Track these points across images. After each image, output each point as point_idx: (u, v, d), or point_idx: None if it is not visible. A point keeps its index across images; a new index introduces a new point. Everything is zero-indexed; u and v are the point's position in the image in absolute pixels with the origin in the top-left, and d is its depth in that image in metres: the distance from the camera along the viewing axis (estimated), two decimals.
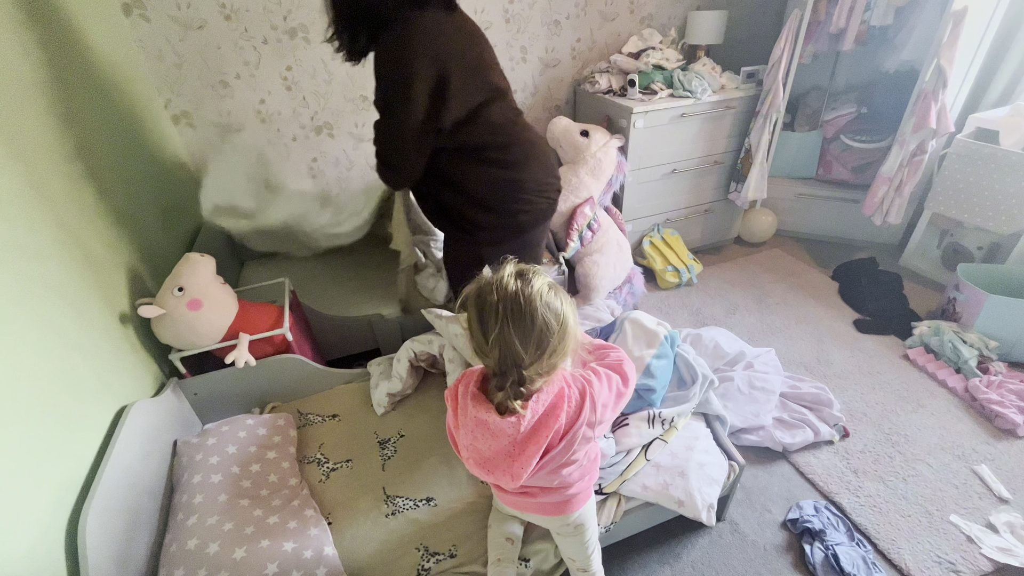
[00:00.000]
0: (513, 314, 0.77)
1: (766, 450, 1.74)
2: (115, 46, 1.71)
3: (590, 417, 0.88)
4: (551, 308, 0.80)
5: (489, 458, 0.84)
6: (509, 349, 0.78)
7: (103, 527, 1.01)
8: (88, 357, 1.17)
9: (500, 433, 0.82)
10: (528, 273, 0.82)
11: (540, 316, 0.78)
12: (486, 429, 0.83)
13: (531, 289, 0.79)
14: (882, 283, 2.49)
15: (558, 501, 1.02)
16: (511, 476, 0.83)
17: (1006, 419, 1.75)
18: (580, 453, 0.92)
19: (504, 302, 0.78)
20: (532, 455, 0.82)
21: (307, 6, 2.03)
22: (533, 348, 0.79)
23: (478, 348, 0.82)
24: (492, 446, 0.83)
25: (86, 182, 1.34)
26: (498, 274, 0.82)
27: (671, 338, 1.51)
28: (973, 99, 2.44)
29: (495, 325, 0.78)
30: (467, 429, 0.86)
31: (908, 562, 1.40)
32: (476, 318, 0.80)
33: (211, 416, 1.55)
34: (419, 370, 1.62)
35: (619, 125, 2.36)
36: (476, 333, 0.81)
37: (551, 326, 0.79)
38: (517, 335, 0.78)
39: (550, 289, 0.82)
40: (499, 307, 0.78)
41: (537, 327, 0.78)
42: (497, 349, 0.78)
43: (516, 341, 0.78)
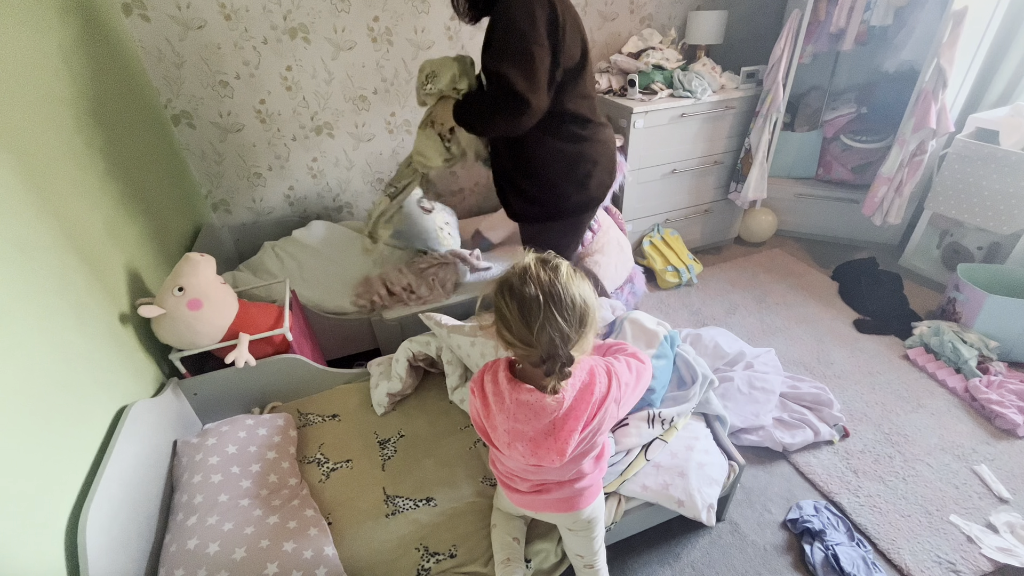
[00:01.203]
0: (555, 300, 0.82)
1: (766, 450, 1.74)
2: (115, 46, 1.71)
3: (617, 394, 0.94)
4: (582, 289, 0.86)
5: (533, 437, 0.89)
6: (558, 333, 0.82)
7: (103, 527, 1.01)
8: (88, 357, 1.17)
9: (543, 411, 0.88)
10: (551, 260, 0.88)
11: (579, 297, 0.85)
12: (529, 409, 0.88)
13: (562, 275, 0.85)
14: (882, 283, 2.49)
15: (570, 496, 1.03)
16: (557, 452, 0.89)
17: (1006, 419, 1.75)
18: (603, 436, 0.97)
19: (543, 291, 0.82)
20: (573, 428, 0.89)
21: (307, 6, 2.03)
22: (577, 327, 0.85)
23: (520, 340, 0.85)
24: (535, 426, 0.89)
25: (86, 182, 1.34)
26: (521, 268, 0.86)
27: (671, 338, 1.51)
28: (973, 99, 2.44)
29: (539, 315, 0.82)
30: (507, 414, 0.90)
31: (908, 562, 1.40)
32: (518, 313, 0.83)
33: (211, 416, 1.55)
34: (418, 370, 1.63)
35: (619, 125, 2.36)
36: (518, 327, 0.84)
37: (589, 304, 0.86)
38: (563, 319, 0.82)
39: (574, 271, 0.89)
40: (540, 297, 0.82)
41: (578, 307, 0.84)
42: (545, 335, 0.82)
43: (563, 324, 0.82)
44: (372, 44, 2.20)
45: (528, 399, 0.88)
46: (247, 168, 2.25)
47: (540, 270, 0.85)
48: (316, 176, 2.39)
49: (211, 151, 2.15)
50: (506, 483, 1.08)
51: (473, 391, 0.97)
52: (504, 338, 0.87)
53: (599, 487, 1.10)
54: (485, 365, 0.99)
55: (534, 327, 0.82)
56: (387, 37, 2.20)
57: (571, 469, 1.00)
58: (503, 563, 1.13)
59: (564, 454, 0.89)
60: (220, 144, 2.15)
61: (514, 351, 0.88)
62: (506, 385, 0.90)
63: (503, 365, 0.93)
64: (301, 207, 2.43)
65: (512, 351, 0.88)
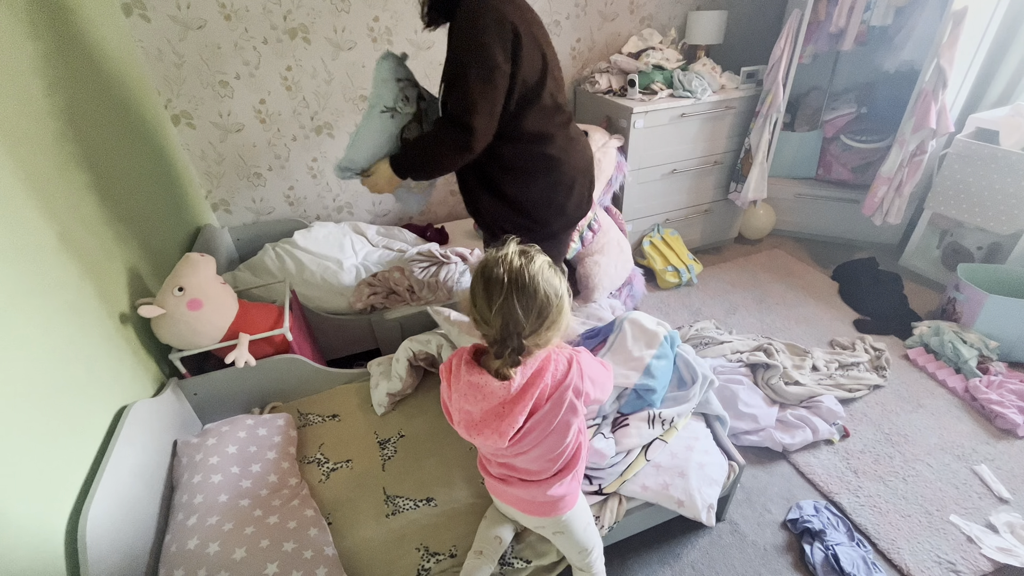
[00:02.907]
0: (517, 286, 0.84)
1: (766, 450, 1.74)
2: (115, 46, 1.71)
3: (577, 382, 0.94)
4: (551, 284, 0.87)
5: (479, 420, 0.91)
6: (511, 318, 0.84)
7: (103, 527, 1.01)
8: (88, 357, 1.17)
9: (491, 395, 0.89)
10: (531, 251, 0.89)
11: (542, 290, 0.85)
12: (478, 391, 0.90)
13: (534, 266, 0.86)
14: (882, 283, 2.49)
15: (543, 501, 1.03)
16: (499, 434, 0.90)
17: (1006, 419, 1.75)
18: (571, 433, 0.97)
19: (509, 275, 0.84)
20: (519, 413, 0.89)
21: (307, 6, 2.03)
22: (534, 318, 0.85)
23: (480, 318, 0.87)
24: (483, 407, 0.90)
25: (86, 182, 1.34)
26: (502, 251, 0.88)
27: (671, 338, 1.51)
28: (973, 99, 2.44)
29: (499, 296, 0.84)
30: (460, 394, 0.92)
31: (908, 562, 1.40)
32: (482, 290, 0.86)
33: (211, 416, 1.55)
34: (418, 370, 1.62)
35: (619, 125, 2.36)
36: (481, 303, 0.86)
37: (551, 299, 0.86)
38: (520, 305, 0.84)
39: (550, 267, 0.89)
40: (504, 279, 0.84)
41: (539, 299, 0.85)
42: (500, 318, 0.84)
43: (519, 310, 0.84)
44: (372, 44, 2.20)
45: (478, 381, 0.90)
46: (247, 168, 2.25)
47: (515, 256, 0.87)
48: (316, 176, 2.39)
49: (211, 151, 2.15)
50: (483, 463, 1.10)
51: (442, 373, 0.99)
52: (471, 313, 0.90)
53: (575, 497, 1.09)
54: (457, 350, 1.01)
55: (493, 306, 0.84)
56: (387, 37, 2.20)
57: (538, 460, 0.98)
58: (475, 554, 1.13)
59: (504, 436, 0.89)
60: (220, 144, 2.15)
61: (479, 328, 0.90)
62: (463, 368, 0.92)
63: (468, 350, 0.96)
64: (301, 207, 2.43)
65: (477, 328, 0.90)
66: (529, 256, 0.88)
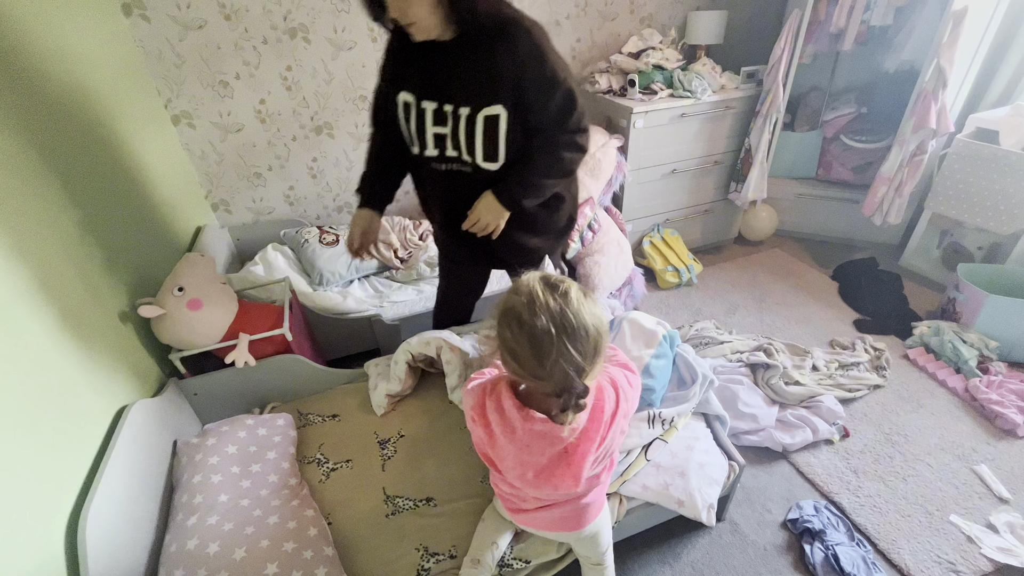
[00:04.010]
0: (568, 332, 0.75)
1: (766, 450, 1.74)
2: (115, 46, 1.71)
3: (624, 407, 0.90)
4: (594, 315, 0.79)
5: (546, 466, 0.84)
6: (572, 366, 0.75)
7: (103, 527, 1.01)
8: (88, 357, 1.17)
9: (556, 439, 0.83)
10: (557, 283, 0.80)
11: (591, 324, 0.77)
12: (544, 439, 0.83)
13: (572, 300, 0.77)
14: (882, 283, 2.49)
15: (572, 514, 1.02)
16: (571, 478, 0.84)
17: (1006, 419, 1.75)
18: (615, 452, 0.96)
19: (555, 323, 0.75)
20: (587, 452, 0.84)
21: (307, 6, 2.03)
22: (592, 357, 0.78)
23: (530, 375, 0.79)
24: (548, 453, 0.84)
25: (86, 182, 1.34)
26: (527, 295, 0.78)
27: (670, 338, 1.51)
28: (973, 99, 2.44)
29: (551, 349, 0.74)
30: (519, 445, 0.84)
31: (908, 562, 1.40)
32: (528, 348, 0.76)
33: (211, 416, 1.55)
34: (417, 370, 1.62)
35: (619, 125, 2.36)
36: (528, 362, 0.77)
37: (601, 329, 0.79)
38: (577, 350, 0.75)
39: (583, 293, 0.81)
40: (552, 330, 0.74)
41: (591, 337, 0.77)
42: (559, 370, 0.75)
43: (577, 356, 0.75)
44: (372, 44, 2.20)
45: (543, 429, 0.82)
46: (247, 168, 2.25)
47: (549, 298, 0.76)
48: (316, 176, 2.39)
49: (211, 151, 2.15)
50: (508, 500, 1.05)
51: (474, 419, 0.89)
52: (511, 369, 0.81)
53: (602, 502, 1.09)
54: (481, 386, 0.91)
55: (547, 363, 0.75)
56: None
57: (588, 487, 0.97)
58: (472, 563, 1.12)
59: (579, 480, 0.84)
60: (220, 144, 2.15)
61: (522, 381, 0.82)
62: (516, 415, 0.83)
63: (506, 391, 0.86)
64: (301, 207, 2.43)
65: (525, 382, 0.83)
66: (562, 291, 0.78)
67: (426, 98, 1.20)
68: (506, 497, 1.06)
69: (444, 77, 1.17)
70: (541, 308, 0.76)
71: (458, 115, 1.19)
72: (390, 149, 1.36)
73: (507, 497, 1.05)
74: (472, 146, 1.21)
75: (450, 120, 1.20)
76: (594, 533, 1.09)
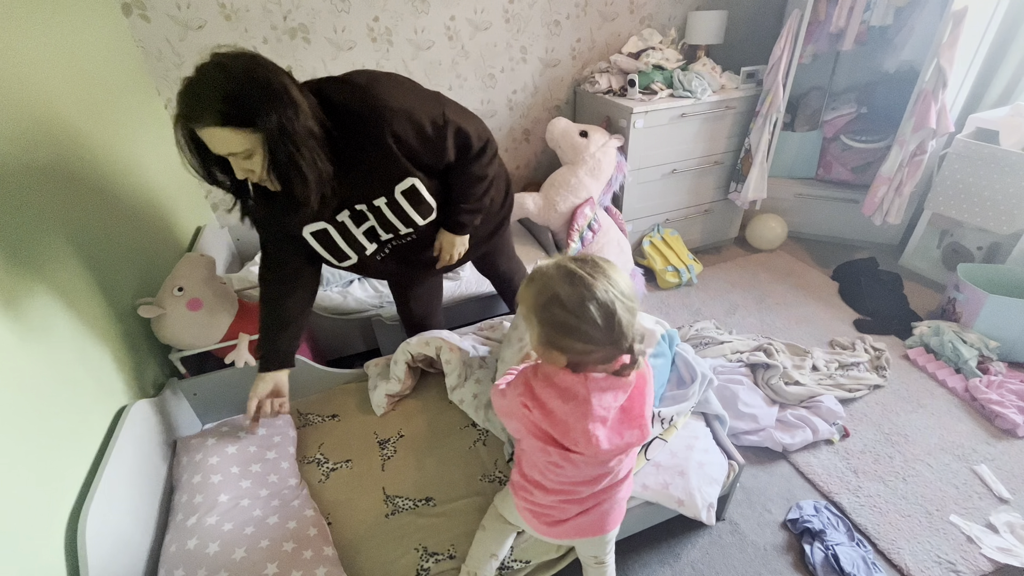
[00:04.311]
0: (621, 292, 0.83)
1: (766, 450, 1.74)
2: (115, 46, 1.71)
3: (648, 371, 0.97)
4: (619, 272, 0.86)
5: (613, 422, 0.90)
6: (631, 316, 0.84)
7: (103, 527, 1.01)
8: (88, 357, 1.17)
9: (619, 389, 0.89)
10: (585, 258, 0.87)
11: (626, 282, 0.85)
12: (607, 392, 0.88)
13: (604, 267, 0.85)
14: (882, 283, 2.49)
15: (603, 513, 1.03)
16: (639, 427, 0.91)
17: (1006, 419, 1.75)
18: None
19: (609, 291, 0.82)
20: (643, 403, 0.93)
21: (307, 6, 2.03)
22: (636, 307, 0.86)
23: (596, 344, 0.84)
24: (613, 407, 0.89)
25: (85, 182, 1.34)
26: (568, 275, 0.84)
27: (669, 337, 1.51)
28: (973, 99, 2.44)
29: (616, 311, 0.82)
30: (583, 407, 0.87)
31: (908, 562, 1.40)
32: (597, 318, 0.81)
33: (211, 416, 1.55)
34: (417, 370, 1.62)
35: (619, 125, 2.37)
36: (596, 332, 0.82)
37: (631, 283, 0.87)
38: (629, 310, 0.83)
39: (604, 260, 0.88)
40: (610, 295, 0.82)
41: (632, 289, 0.86)
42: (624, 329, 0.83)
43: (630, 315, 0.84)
44: (372, 44, 2.20)
45: (606, 384, 0.88)
46: None
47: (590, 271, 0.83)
48: None
49: None
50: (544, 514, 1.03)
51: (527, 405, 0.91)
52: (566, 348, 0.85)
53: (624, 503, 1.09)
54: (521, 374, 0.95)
55: (614, 325, 0.82)
56: (387, 37, 2.20)
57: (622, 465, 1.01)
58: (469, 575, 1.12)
59: (645, 429, 0.91)
60: None
61: (581, 358, 0.86)
62: (573, 380, 0.87)
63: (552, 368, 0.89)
64: None
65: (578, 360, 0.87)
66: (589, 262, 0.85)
67: (336, 214, 1.19)
68: (542, 512, 1.03)
69: (342, 191, 1.12)
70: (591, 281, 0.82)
71: (376, 207, 1.19)
72: (290, 295, 1.28)
73: (544, 511, 1.03)
74: (407, 218, 1.23)
75: (370, 215, 1.21)
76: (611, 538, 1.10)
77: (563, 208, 2.23)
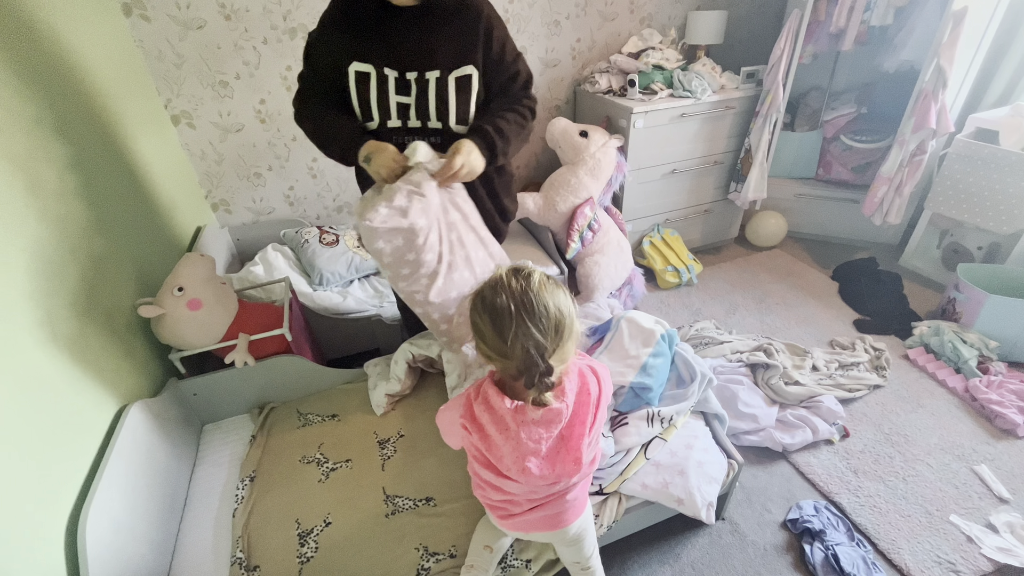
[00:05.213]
0: (527, 309, 0.80)
1: (766, 450, 1.74)
2: (115, 46, 1.71)
3: (607, 394, 0.95)
4: (556, 297, 0.83)
5: (546, 455, 0.88)
6: (532, 342, 0.80)
7: (103, 527, 1.01)
8: (88, 357, 1.17)
9: (551, 424, 0.87)
10: (523, 269, 0.86)
11: (551, 305, 0.82)
12: (538, 426, 0.86)
13: (535, 283, 0.83)
14: (882, 283, 2.49)
15: (556, 513, 1.02)
16: (573, 461, 0.89)
17: (1006, 419, 1.75)
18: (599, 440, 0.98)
19: (514, 300, 0.80)
20: (582, 434, 0.89)
21: (307, 6, 2.03)
22: (552, 335, 0.81)
23: (496, 353, 0.83)
24: (546, 440, 0.87)
25: (85, 182, 1.34)
26: (494, 279, 0.84)
27: (669, 337, 1.51)
28: (973, 99, 2.44)
29: (511, 325, 0.79)
30: (515, 439, 0.86)
31: (908, 562, 1.40)
32: (490, 325, 0.81)
33: (211, 416, 1.55)
34: (417, 370, 1.62)
35: (619, 125, 2.36)
36: (492, 339, 0.82)
37: (564, 311, 0.83)
38: (536, 327, 0.80)
39: (549, 280, 0.86)
40: (511, 306, 0.80)
41: (552, 315, 0.81)
42: (519, 346, 0.80)
43: (537, 333, 0.80)
44: None
45: (534, 417, 0.86)
46: (247, 168, 2.25)
47: (512, 279, 0.83)
48: (316, 176, 2.39)
49: (211, 151, 2.15)
50: (498, 508, 1.05)
51: (466, 427, 0.91)
52: (482, 351, 0.86)
53: (584, 500, 1.09)
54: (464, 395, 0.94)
55: (507, 337, 0.80)
56: None
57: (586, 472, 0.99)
58: (467, 568, 1.13)
59: (580, 463, 0.88)
60: (220, 144, 2.15)
61: (493, 364, 0.87)
62: (506, 409, 0.86)
63: (492, 390, 0.89)
64: (301, 207, 2.43)
65: (492, 364, 0.87)
66: (525, 274, 0.84)
67: (387, 66, 1.19)
68: (496, 506, 1.05)
69: (407, 46, 1.17)
70: (503, 288, 0.82)
71: (425, 81, 1.19)
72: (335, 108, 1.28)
73: (497, 505, 1.04)
74: (445, 110, 1.22)
75: (414, 88, 1.21)
76: (579, 533, 1.09)
77: (563, 208, 2.23)
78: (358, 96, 1.23)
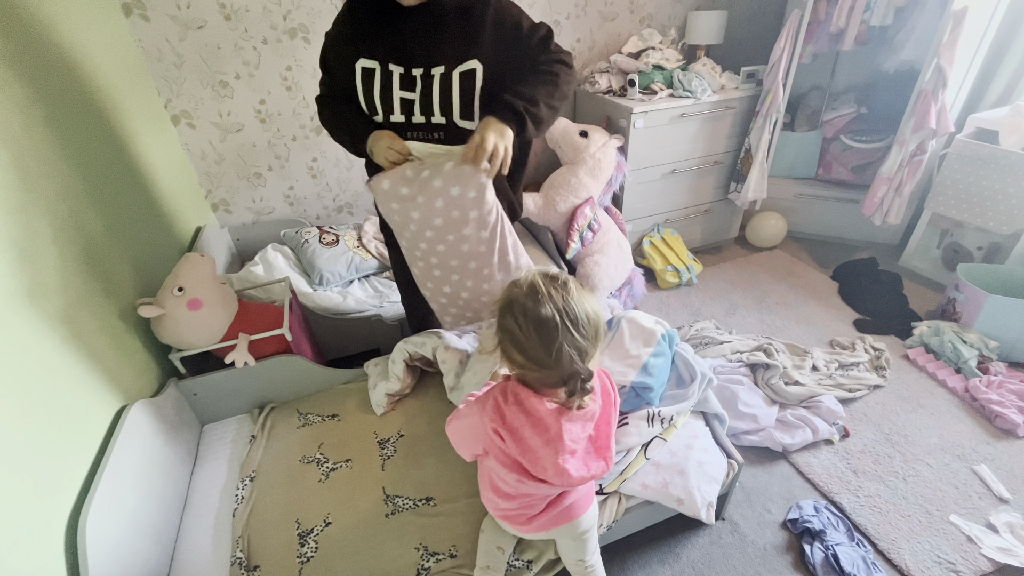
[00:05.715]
0: (571, 318, 0.80)
1: (766, 450, 1.74)
2: (115, 46, 1.71)
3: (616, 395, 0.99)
4: (591, 301, 0.84)
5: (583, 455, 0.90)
6: (575, 350, 0.81)
7: (103, 527, 1.01)
8: (88, 357, 1.17)
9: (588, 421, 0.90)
10: (556, 275, 0.86)
11: (591, 311, 0.83)
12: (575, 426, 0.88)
13: (572, 291, 0.83)
14: (882, 283, 2.49)
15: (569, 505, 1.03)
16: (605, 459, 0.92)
17: (1006, 419, 1.75)
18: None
19: (559, 311, 0.80)
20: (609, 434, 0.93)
21: (307, 6, 2.03)
22: (593, 341, 0.83)
23: (535, 362, 0.83)
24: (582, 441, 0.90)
25: (85, 182, 1.34)
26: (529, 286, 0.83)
27: (669, 336, 1.51)
28: (973, 99, 2.44)
29: (557, 335, 0.79)
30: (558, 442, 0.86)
31: (908, 562, 1.40)
32: (536, 336, 0.81)
33: (211, 416, 1.55)
34: (415, 369, 1.62)
35: (619, 125, 2.37)
36: (535, 350, 0.81)
37: (599, 315, 0.85)
38: (580, 335, 0.81)
39: (580, 284, 0.87)
40: (555, 317, 0.80)
41: (592, 322, 0.83)
42: (564, 355, 0.80)
43: (581, 339, 0.81)
44: None
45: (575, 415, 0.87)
46: (247, 168, 2.25)
47: (551, 288, 0.82)
48: (316, 176, 2.39)
49: (211, 151, 2.16)
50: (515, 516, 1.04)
51: (498, 432, 0.89)
52: (514, 360, 0.85)
53: (591, 495, 1.11)
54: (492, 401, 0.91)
55: (553, 348, 0.79)
56: None
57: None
58: (483, 569, 1.13)
59: (611, 461, 0.92)
60: (220, 144, 2.16)
61: (524, 372, 0.86)
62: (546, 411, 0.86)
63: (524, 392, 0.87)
64: (301, 207, 2.43)
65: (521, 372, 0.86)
66: (561, 282, 0.84)
67: (392, 62, 1.20)
68: (512, 515, 1.04)
69: (414, 43, 1.18)
70: (545, 298, 0.81)
71: (430, 76, 1.19)
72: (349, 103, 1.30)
73: (514, 514, 1.04)
74: (449, 105, 1.22)
75: (419, 84, 1.21)
76: (590, 524, 1.10)
77: (563, 208, 2.23)
78: (363, 92, 1.24)
